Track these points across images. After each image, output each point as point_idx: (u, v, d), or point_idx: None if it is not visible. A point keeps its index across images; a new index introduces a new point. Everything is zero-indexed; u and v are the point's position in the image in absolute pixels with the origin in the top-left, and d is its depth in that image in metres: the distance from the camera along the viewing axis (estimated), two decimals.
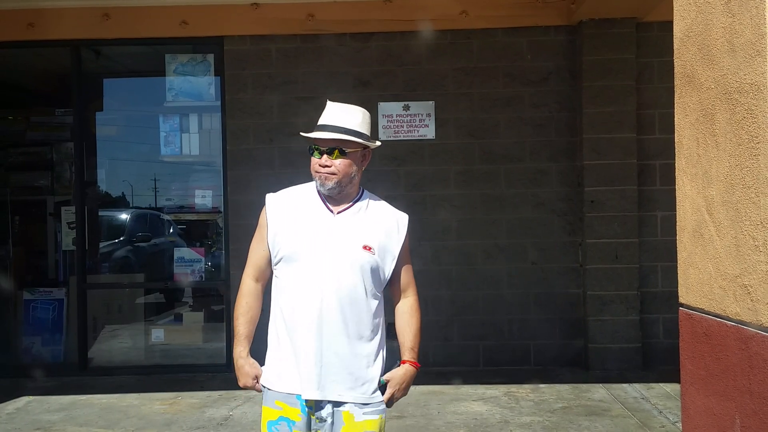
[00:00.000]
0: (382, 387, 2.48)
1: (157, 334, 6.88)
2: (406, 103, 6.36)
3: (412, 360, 2.52)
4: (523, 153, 6.39)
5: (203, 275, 6.78)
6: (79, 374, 6.39)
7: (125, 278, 7.65)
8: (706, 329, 2.34)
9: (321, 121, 2.48)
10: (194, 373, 6.39)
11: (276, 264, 2.49)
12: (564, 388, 5.70)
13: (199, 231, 7.59)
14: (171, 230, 7.81)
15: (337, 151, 2.42)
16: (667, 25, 2.96)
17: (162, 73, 6.59)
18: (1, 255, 7.10)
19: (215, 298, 7.03)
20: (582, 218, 6.27)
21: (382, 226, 2.50)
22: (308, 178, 2.55)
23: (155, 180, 7.64)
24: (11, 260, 7.08)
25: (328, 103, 2.52)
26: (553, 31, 6.39)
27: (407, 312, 2.57)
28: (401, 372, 2.50)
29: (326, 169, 2.42)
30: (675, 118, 2.56)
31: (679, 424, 4.42)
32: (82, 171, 6.66)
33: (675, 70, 2.54)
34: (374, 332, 2.47)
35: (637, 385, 5.73)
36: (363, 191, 2.57)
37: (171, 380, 6.13)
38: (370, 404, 2.43)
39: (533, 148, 6.39)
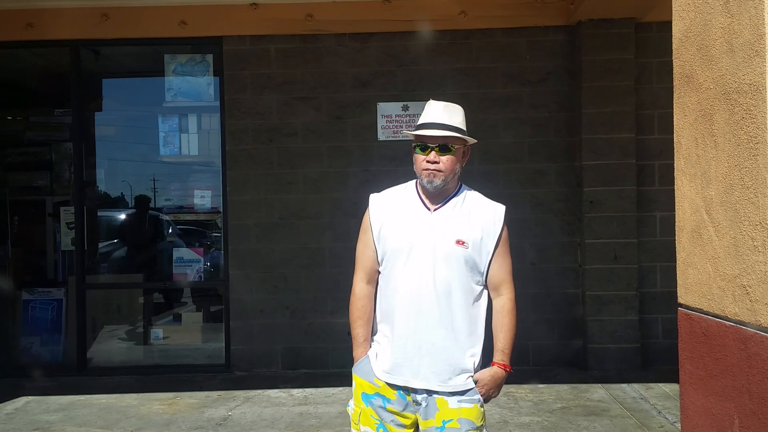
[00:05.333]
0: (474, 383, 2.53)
1: (156, 334, 6.88)
2: (405, 103, 6.35)
3: (501, 362, 2.58)
4: (522, 153, 6.39)
5: (202, 275, 6.78)
6: (78, 374, 6.39)
7: (124, 278, 7.64)
8: (705, 329, 2.35)
9: (426, 119, 2.57)
10: (193, 373, 6.38)
11: (381, 262, 2.57)
12: (563, 389, 5.70)
13: (198, 231, 7.59)
14: (170, 230, 7.80)
15: (441, 148, 2.51)
16: (666, 26, 2.97)
17: (161, 73, 6.59)
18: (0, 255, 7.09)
19: (214, 298, 7.02)
20: (581, 218, 6.27)
21: (477, 221, 2.56)
22: (307, 178, 2.56)
23: (154, 180, 7.63)
24: (10, 260, 7.07)
25: (432, 101, 2.64)
26: (552, 32, 6.39)
27: (500, 312, 2.64)
28: (489, 374, 2.55)
29: (434, 166, 2.51)
30: (674, 119, 2.56)
31: (678, 425, 4.42)
32: (81, 171, 6.66)
33: (674, 71, 2.55)
34: (472, 324, 2.53)
35: (636, 386, 5.73)
36: (461, 186, 2.64)
37: (170, 380, 6.13)
38: (464, 393, 2.49)
39: (532, 149, 6.39)
